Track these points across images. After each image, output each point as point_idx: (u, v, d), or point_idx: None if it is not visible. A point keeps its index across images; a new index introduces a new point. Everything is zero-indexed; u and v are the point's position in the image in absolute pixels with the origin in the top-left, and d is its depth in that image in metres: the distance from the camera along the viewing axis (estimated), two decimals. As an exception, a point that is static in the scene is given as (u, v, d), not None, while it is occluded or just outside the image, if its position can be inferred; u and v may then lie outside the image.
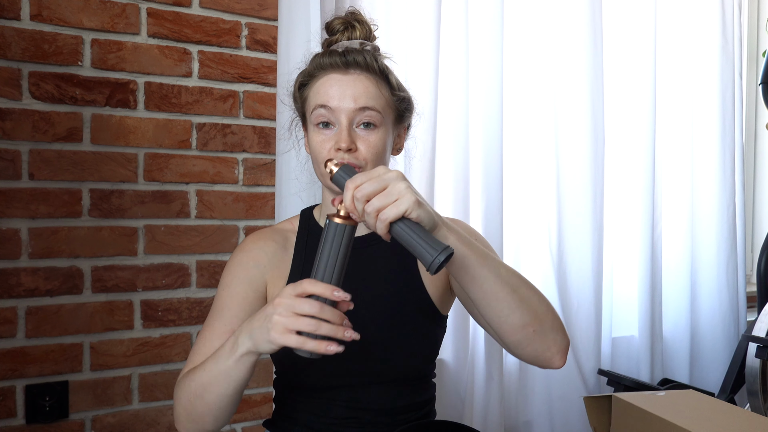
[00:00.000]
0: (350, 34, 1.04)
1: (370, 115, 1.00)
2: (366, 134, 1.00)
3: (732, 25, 2.20)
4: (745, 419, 1.04)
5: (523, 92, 1.91)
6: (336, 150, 0.98)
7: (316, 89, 1.02)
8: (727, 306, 2.20)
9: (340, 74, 1.00)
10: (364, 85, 1.00)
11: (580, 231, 1.92)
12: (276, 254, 1.07)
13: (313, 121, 1.02)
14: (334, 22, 1.06)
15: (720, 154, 2.18)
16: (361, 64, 1.00)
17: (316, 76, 1.02)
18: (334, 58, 1.00)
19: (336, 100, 0.99)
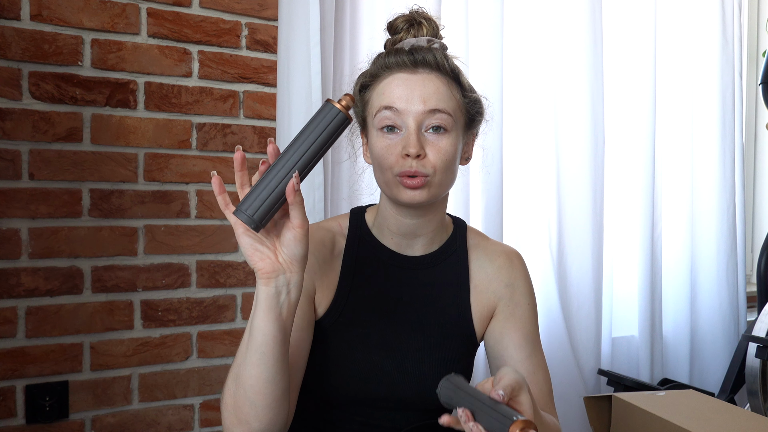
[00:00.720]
0: (416, 31, 0.95)
1: (440, 118, 0.92)
2: (436, 139, 0.92)
3: (732, 25, 2.20)
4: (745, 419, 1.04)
5: (523, 92, 1.91)
6: (404, 156, 0.90)
7: (380, 90, 0.93)
8: (727, 306, 2.20)
9: (408, 74, 0.92)
10: (435, 85, 0.92)
11: (580, 231, 1.93)
12: (326, 260, 0.99)
13: (376, 125, 0.93)
14: (398, 20, 0.97)
15: (720, 154, 2.18)
16: (430, 63, 0.92)
17: (379, 76, 0.94)
18: (400, 57, 0.92)
19: (403, 102, 0.91)
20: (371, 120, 0.95)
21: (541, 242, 1.93)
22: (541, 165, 1.92)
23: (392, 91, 0.92)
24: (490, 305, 1.04)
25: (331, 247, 1.00)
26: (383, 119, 0.92)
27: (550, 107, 1.91)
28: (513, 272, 1.06)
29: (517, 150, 1.92)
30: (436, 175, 0.92)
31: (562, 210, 1.92)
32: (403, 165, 0.91)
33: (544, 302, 1.92)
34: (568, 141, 1.91)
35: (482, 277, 1.05)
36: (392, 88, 0.92)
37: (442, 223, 1.04)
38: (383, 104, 0.92)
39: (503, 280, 1.05)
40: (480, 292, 1.04)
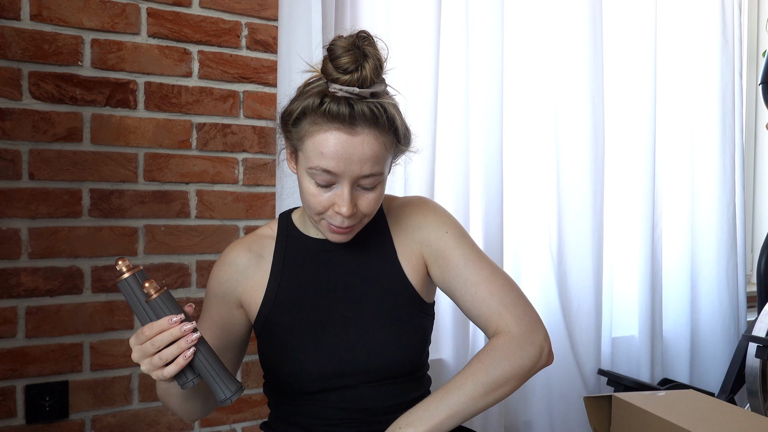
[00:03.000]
0: (360, 72, 0.90)
1: (375, 178, 0.94)
2: (367, 192, 0.95)
3: (732, 25, 2.20)
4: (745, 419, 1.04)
5: (523, 92, 1.91)
6: (335, 213, 0.94)
7: (317, 142, 0.91)
8: (727, 306, 2.20)
9: (346, 134, 0.90)
10: (372, 149, 0.91)
11: (580, 231, 1.93)
12: (250, 265, 1.06)
13: (309, 174, 0.93)
14: (343, 59, 0.90)
15: (720, 154, 2.18)
16: (368, 119, 0.90)
17: (316, 122, 0.91)
18: (341, 109, 0.89)
19: (341, 166, 0.90)
20: (303, 159, 0.94)
21: (541, 242, 1.93)
22: (541, 165, 1.92)
23: (330, 151, 0.90)
24: (416, 255, 1.07)
25: (259, 251, 1.08)
26: (318, 176, 0.92)
27: (550, 107, 1.91)
28: (420, 215, 1.09)
29: (518, 150, 1.92)
30: (364, 219, 0.98)
31: (562, 210, 1.92)
32: (333, 218, 0.95)
33: (544, 302, 1.92)
34: (568, 141, 1.91)
35: (401, 234, 1.08)
36: (329, 148, 0.90)
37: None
38: (320, 165, 0.91)
39: (415, 226, 1.08)
40: (404, 248, 1.07)
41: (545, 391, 1.91)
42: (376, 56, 0.91)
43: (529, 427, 1.92)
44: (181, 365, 0.83)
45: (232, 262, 1.07)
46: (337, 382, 1.01)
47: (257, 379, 1.65)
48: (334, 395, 1.01)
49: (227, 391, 0.85)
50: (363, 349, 1.01)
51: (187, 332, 0.83)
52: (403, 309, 1.04)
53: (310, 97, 0.92)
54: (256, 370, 1.65)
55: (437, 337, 1.78)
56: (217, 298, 1.07)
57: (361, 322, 1.02)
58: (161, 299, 0.84)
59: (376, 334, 1.01)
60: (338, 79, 0.90)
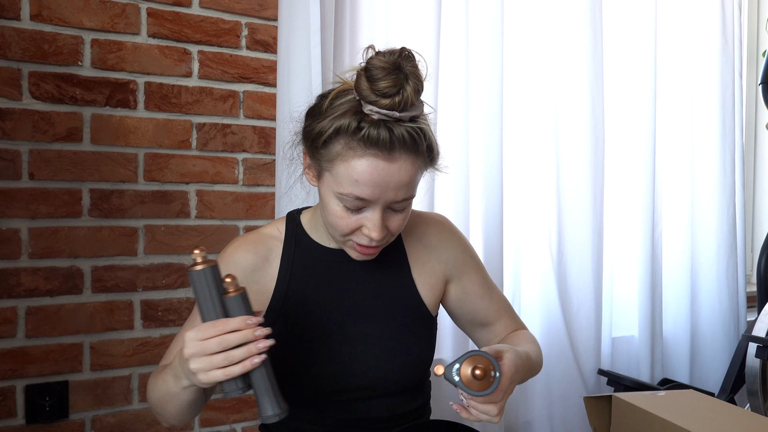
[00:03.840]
0: (401, 98, 0.83)
1: (405, 203, 0.91)
2: (396, 214, 0.92)
3: (732, 25, 2.20)
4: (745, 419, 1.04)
5: (523, 92, 1.91)
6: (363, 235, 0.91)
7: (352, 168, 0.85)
8: (727, 306, 2.20)
9: (384, 161, 0.85)
10: (408, 175, 0.87)
11: (580, 231, 1.93)
12: (256, 268, 1.00)
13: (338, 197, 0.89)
14: (382, 83, 0.83)
15: (720, 154, 2.18)
16: (407, 145, 0.86)
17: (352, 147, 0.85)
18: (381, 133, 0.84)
19: (377, 193, 0.87)
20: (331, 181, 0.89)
21: (541, 242, 1.93)
22: (541, 165, 1.92)
23: (366, 179, 0.85)
24: (436, 273, 1.08)
25: (265, 253, 1.02)
26: (347, 201, 0.88)
27: (550, 107, 1.91)
28: (446, 235, 1.10)
29: (518, 151, 1.92)
30: (391, 238, 0.95)
31: (562, 210, 1.92)
32: (362, 239, 0.92)
33: (544, 302, 1.92)
34: (568, 141, 1.91)
35: (420, 249, 1.07)
36: (366, 176, 0.85)
37: None
38: (354, 193, 0.87)
39: (440, 246, 1.08)
40: (422, 265, 1.07)
41: (545, 391, 1.91)
42: (417, 77, 0.85)
43: (529, 427, 1.92)
44: (245, 369, 0.77)
45: (238, 263, 1.00)
46: (342, 395, 1.00)
47: (257, 379, 1.65)
48: (336, 405, 1.00)
49: (277, 409, 0.80)
50: (370, 365, 0.99)
51: (260, 337, 0.77)
52: (413, 325, 1.04)
53: (343, 118, 0.86)
54: (256, 370, 1.65)
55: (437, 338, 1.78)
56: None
57: (369, 337, 1.00)
58: (240, 297, 0.79)
59: (385, 351, 1.00)
60: (376, 102, 0.84)
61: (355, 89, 0.86)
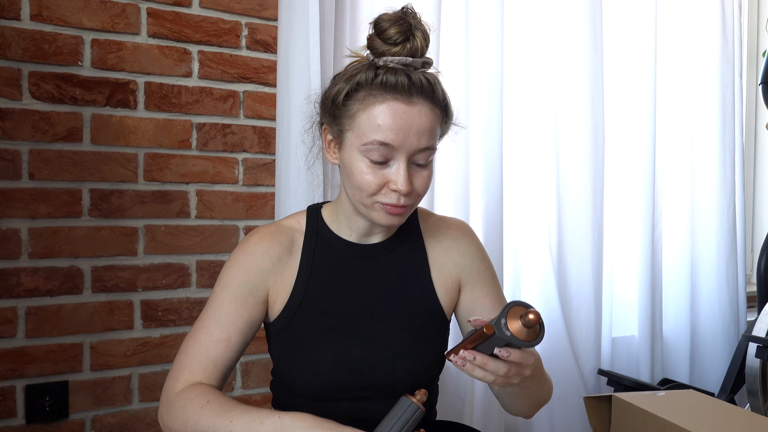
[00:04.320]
0: (411, 44, 0.89)
1: (429, 153, 0.92)
2: (420, 170, 0.93)
3: (732, 25, 2.20)
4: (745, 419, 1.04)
5: (523, 92, 1.91)
6: (391, 190, 0.91)
7: (373, 115, 0.88)
8: (727, 306, 2.20)
9: (404, 104, 0.88)
10: (429, 121, 0.90)
11: (580, 231, 1.93)
12: (281, 259, 1.00)
13: (362, 152, 0.90)
14: (391, 30, 0.89)
15: (720, 154, 2.18)
16: (426, 92, 0.89)
17: (372, 94, 0.89)
18: (398, 79, 0.87)
19: (400, 138, 0.88)
20: (355, 140, 0.91)
21: (541, 242, 1.93)
22: (541, 165, 1.92)
23: (389, 124, 0.88)
24: (453, 277, 1.08)
25: (288, 245, 1.02)
26: (373, 152, 0.89)
27: (550, 107, 1.91)
28: (466, 241, 1.10)
29: (517, 150, 1.92)
30: (417, 201, 0.96)
31: (562, 210, 1.92)
32: (390, 197, 0.92)
33: (544, 302, 1.92)
34: (568, 141, 1.91)
35: (439, 252, 1.08)
36: (388, 120, 0.88)
37: None
38: (378, 139, 0.88)
39: (459, 251, 1.09)
40: (440, 267, 1.07)
41: (545, 391, 1.91)
42: (423, 27, 0.91)
43: (529, 427, 1.92)
44: None
45: (265, 252, 0.99)
46: (352, 393, 0.99)
47: (257, 379, 1.65)
48: (345, 404, 1.00)
49: None
50: (386, 365, 0.99)
51: None
52: (429, 328, 1.04)
53: (360, 73, 0.90)
54: (256, 370, 1.65)
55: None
56: (243, 289, 0.98)
57: (385, 337, 1.00)
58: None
59: (400, 352, 1.00)
60: (388, 51, 0.89)
61: (367, 47, 0.92)
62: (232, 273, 0.99)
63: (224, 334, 0.96)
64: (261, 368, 1.65)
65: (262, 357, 1.65)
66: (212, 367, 0.95)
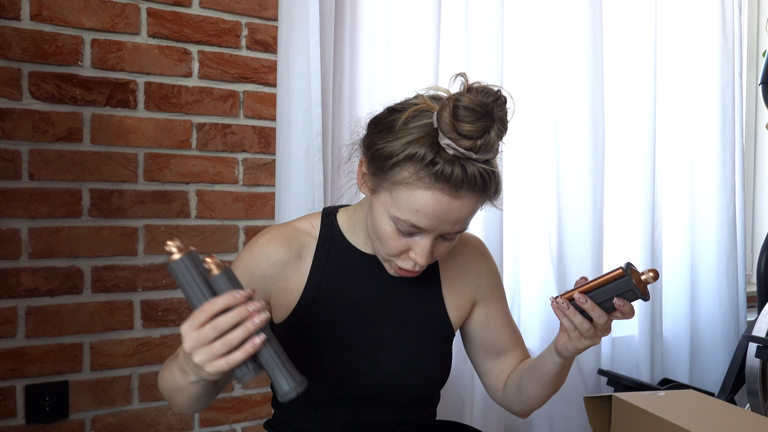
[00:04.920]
0: (483, 141, 0.81)
1: (459, 233, 0.90)
2: (444, 242, 0.91)
3: (732, 25, 2.20)
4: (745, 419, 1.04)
5: (523, 92, 1.91)
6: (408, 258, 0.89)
7: (416, 198, 0.84)
8: (727, 306, 2.20)
9: (449, 197, 0.83)
10: (470, 210, 0.86)
11: (580, 231, 1.92)
12: (288, 264, 0.98)
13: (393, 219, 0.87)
14: (468, 126, 0.80)
15: (720, 154, 2.18)
16: (478, 186, 0.84)
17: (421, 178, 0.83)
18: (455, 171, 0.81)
19: (434, 224, 0.85)
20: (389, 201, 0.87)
21: (541, 242, 1.93)
22: (541, 165, 1.92)
23: (427, 212, 0.84)
24: (466, 296, 1.08)
25: (298, 249, 0.99)
26: (403, 226, 0.87)
27: (550, 107, 1.91)
28: (482, 260, 1.11)
29: (517, 150, 1.92)
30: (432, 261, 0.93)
31: (562, 210, 1.92)
32: (407, 263, 0.90)
33: (544, 302, 1.92)
34: (568, 141, 1.91)
35: (454, 268, 1.07)
36: (428, 209, 0.84)
37: None
38: (411, 221, 0.85)
39: (475, 270, 1.09)
40: (453, 284, 1.07)
41: (545, 391, 1.91)
42: (504, 123, 0.83)
43: (529, 427, 1.92)
44: (248, 353, 0.70)
45: (271, 256, 0.97)
46: (357, 401, 0.99)
47: (257, 380, 1.65)
48: (348, 410, 1.00)
49: (293, 383, 0.74)
50: (391, 376, 0.99)
51: (255, 312, 0.70)
52: (436, 341, 1.04)
53: (417, 146, 0.83)
54: (256, 370, 1.65)
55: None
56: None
57: (393, 348, 0.99)
58: (224, 274, 0.73)
59: (407, 363, 1.00)
60: (456, 140, 0.81)
61: (436, 119, 0.82)
62: (237, 273, 0.98)
63: None
64: (261, 368, 1.65)
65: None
66: None
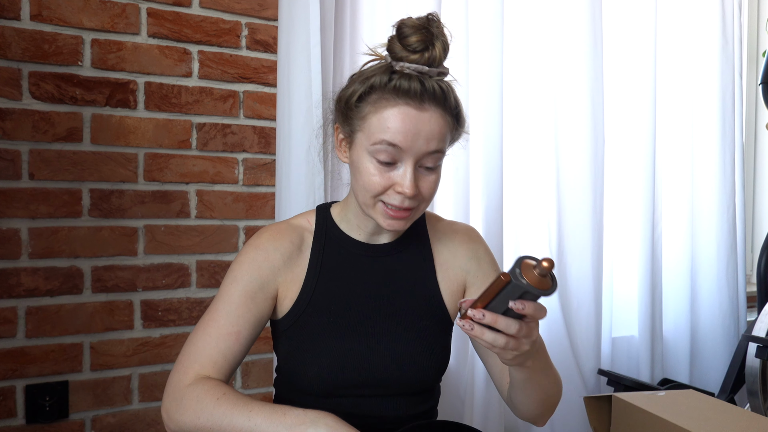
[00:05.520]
0: (430, 53, 0.91)
1: (437, 157, 0.93)
2: (427, 174, 0.94)
3: (732, 25, 2.20)
4: (745, 419, 1.04)
5: (523, 92, 1.91)
6: (396, 192, 0.92)
7: (384, 118, 0.90)
8: (727, 306, 2.20)
9: (415, 110, 0.90)
10: (439, 126, 0.92)
11: (580, 231, 1.93)
12: (291, 256, 1.01)
13: (371, 152, 0.92)
14: (412, 38, 0.91)
15: (720, 154, 2.18)
16: (439, 99, 0.91)
17: (385, 98, 0.91)
18: (412, 85, 0.90)
19: (408, 141, 0.90)
20: (364, 138, 0.93)
21: (541, 243, 1.93)
22: (541, 165, 1.92)
23: (398, 127, 0.90)
24: (458, 280, 1.09)
25: (299, 243, 1.03)
26: (381, 152, 0.91)
27: (550, 107, 1.91)
28: (474, 245, 1.11)
29: (517, 150, 1.92)
30: (422, 205, 0.96)
31: (562, 210, 1.92)
32: (394, 198, 0.93)
33: (544, 302, 1.91)
34: (568, 141, 1.91)
35: (446, 254, 1.09)
36: (398, 123, 0.90)
37: None
38: (386, 139, 0.90)
39: (466, 254, 1.09)
40: (446, 270, 1.08)
41: (545, 391, 1.91)
42: (444, 37, 0.93)
43: (530, 427, 1.92)
44: None
45: (276, 248, 1.00)
46: (356, 391, 1.00)
47: (257, 379, 1.65)
48: (349, 401, 1.01)
49: None
50: (391, 364, 1.00)
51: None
52: (434, 328, 1.05)
53: (375, 76, 0.92)
54: (256, 370, 1.65)
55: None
56: (254, 284, 0.98)
57: (392, 336, 1.00)
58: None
59: (406, 351, 1.01)
60: (406, 57, 0.91)
61: (387, 48, 0.93)
62: (243, 268, 0.99)
63: (234, 327, 0.96)
64: (261, 368, 1.65)
65: (262, 357, 1.65)
66: (222, 361, 0.94)
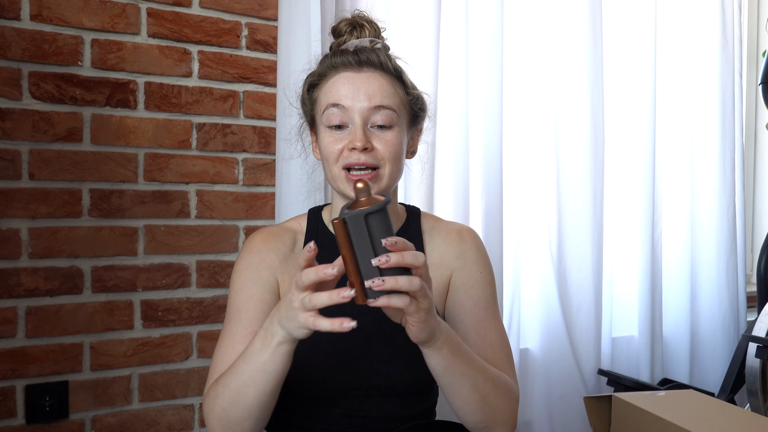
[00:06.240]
0: (359, 33, 1.01)
1: (385, 114, 0.96)
2: (382, 133, 0.97)
3: (732, 25, 2.20)
4: (745, 419, 1.04)
5: (523, 92, 1.91)
6: (350, 149, 0.95)
7: (327, 89, 0.98)
8: (727, 306, 2.20)
9: (353, 72, 0.97)
10: (379, 83, 0.97)
11: (580, 231, 1.93)
12: (286, 257, 1.03)
13: (324, 122, 0.98)
14: (341, 24, 1.02)
15: (720, 154, 2.18)
16: (374, 62, 0.97)
17: (326, 75, 0.99)
18: (345, 57, 0.97)
19: (349, 99, 0.95)
20: (319, 117, 0.99)
21: (541, 242, 1.93)
22: (541, 165, 1.92)
23: (338, 89, 0.96)
24: (444, 280, 1.08)
25: (291, 244, 1.05)
26: (330, 116, 0.97)
27: (550, 107, 1.91)
28: (463, 245, 1.09)
29: (517, 150, 1.92)
30: (386, 166, 0.97)
31: (562, 210, 1.92)
32: (350, 157, 0.96)
33: (544, 302, 1.92)
34: (568, 141, 1.91)
35: (436, 255, 1.08)
36: (338, 86, 0.96)
37: (394, 213, 1.08)
38: (330, 101, 0.96)
39: (453, 253, 1.08)
40: (435, 270, 1.07)
41: (545, 391, 1.91)
42: (372, 22, 1.02)
43: (529, 427, 1.92)
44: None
45: (270, 249, 1.02)
46: (350, 393, 1.00)
47: (257, 379, 1.65)
48: (344, 403, 1.00)
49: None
50: (384, 365, 1.00)
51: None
52: None
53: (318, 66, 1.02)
54: (256, 370, 1.65)
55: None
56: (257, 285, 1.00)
57: (383, 336, 0.99)
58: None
59: (399, 352, 1.00)
60: (341, 41, 1.01)
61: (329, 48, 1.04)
62: (242, 275, 1.01)
63: (247, 329, 0.97)
64: (261, 368, 1.65)
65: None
66: None
